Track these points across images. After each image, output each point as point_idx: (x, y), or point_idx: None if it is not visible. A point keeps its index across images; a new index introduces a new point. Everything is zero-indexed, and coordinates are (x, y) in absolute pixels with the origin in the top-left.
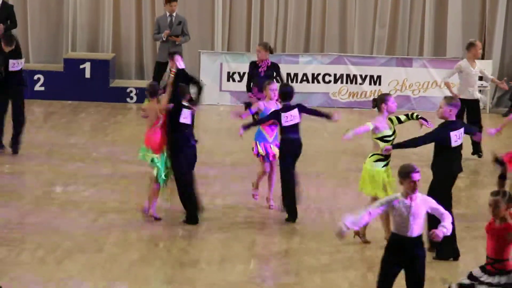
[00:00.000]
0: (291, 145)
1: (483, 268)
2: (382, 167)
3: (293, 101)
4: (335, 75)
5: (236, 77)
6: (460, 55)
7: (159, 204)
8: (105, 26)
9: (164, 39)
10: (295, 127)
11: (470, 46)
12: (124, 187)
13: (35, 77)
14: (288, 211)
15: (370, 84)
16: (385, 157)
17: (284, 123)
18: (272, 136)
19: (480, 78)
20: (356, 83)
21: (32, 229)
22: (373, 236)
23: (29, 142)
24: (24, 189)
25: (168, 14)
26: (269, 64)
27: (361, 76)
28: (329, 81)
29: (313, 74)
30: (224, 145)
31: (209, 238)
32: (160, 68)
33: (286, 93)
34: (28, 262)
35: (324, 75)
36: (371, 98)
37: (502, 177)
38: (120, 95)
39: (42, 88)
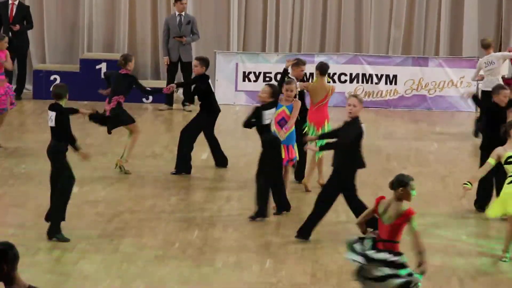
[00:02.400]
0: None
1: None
2: None
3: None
4: (350, 74)
5: (252, 77)
6: (476, 54)
7: (175, 202)
8: (121, 26)
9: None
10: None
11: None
12: (140, 187)
13: (52, 77)
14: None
15: (386, 83)
16: None
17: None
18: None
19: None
20: (372, 82)
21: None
22: None
23: (45, 142)
24: (40, 189)
25: (177, 13)
26: None
27: (377, 75)
28: (345, 81)
29: (328, 74)
30: (240, 146)
31: (224, 238)
32: (171, 67)
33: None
34: (44, 262)
35: (340, 74)
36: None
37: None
38: (136, 95)
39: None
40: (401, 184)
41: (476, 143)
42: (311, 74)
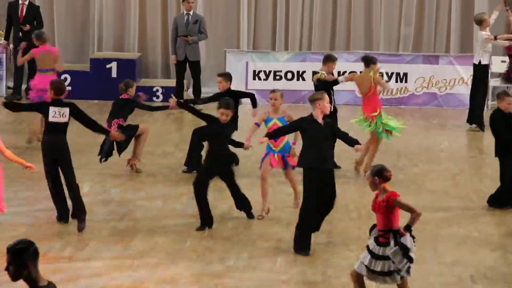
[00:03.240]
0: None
1: (376, 241)
2: None
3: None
4: (361, 72)
5: (262, 75)
6: None
7: (186, 201)
8: (131, 25)
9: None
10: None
11: None
12: (151, 186)
13: (62, 77)
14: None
15: (396, 81)
16: None
17: None
18: (278, 146)
19: None
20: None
21: (60, 227)
22: None
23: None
24: None
25: (185, 12)
26: None
27: (387, 73)
28: None
29: (339, 72)
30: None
31: (236, 236)
32: (179, 66)
33: None
34: (56, 260)
35: (350, 72)
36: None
37: None
38: (147, 94)
39: (69, 88)
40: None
41: (486, 140)
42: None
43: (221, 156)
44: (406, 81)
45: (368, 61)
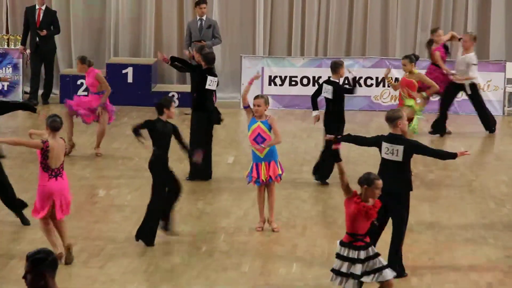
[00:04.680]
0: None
1: (351, 246)
2: None
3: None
4: (377, 78)
5: (278, 81)
6: (503, 57)
7: (202, 206)
8: (147, 31)
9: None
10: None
11: None
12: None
13: (78, 82)
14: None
15: None
16: None
17: None
18: (263, 153)
19: None
20: None
21: (75, 232)
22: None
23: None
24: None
25: (198, 17)
26: None
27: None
28: (371, 85)
29: (354, 78)
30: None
31: (250, 242)
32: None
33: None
34: (71, 266)
35: (366, 78)
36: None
37: None
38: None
39: (85, 93)
40: (365, 183)
41: (502, 146)
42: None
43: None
44: None
45: (414, 59)
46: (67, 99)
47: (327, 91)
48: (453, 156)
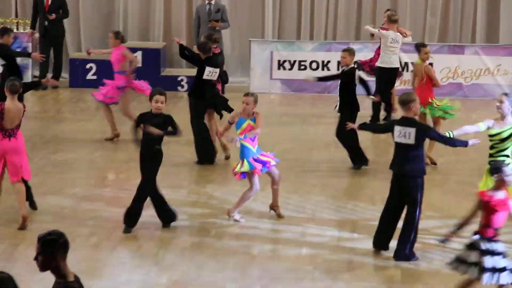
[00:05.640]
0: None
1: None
2: None
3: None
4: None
5: (287, 65)
6: None
7: (211, 190)
8: (156, 15)
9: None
10: None
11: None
12: (175, 175)
13: (87, 66)
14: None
15: None
16: None
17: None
18: (255, 147)
19: None
20: (407, 70)
21: (86, 216)
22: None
23: (81, 130)
24: (77, 177)
25: (206, 1)
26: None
27: (412, 63)
28: None
29: (364, 63)
30: (274, 134)
31: (260, 226)
32: None
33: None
34: (81, 249)
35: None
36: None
37: None
38: (171, 83)
39: (94, 77)
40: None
41: None
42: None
43: None
44: None
45: (418, 46)
46: (93, 93)
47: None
48: (464, 144)
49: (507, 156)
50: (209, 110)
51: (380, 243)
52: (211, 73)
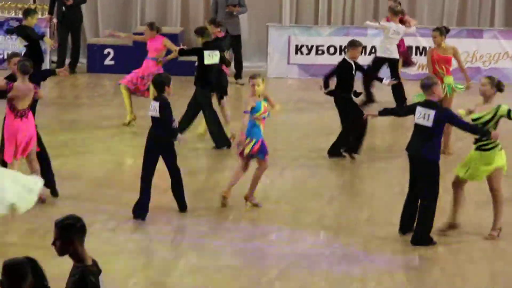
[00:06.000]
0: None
1: None
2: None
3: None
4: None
5: (304, 50)
6: None
7: (229, 175)
8: (173, 0)
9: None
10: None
11: None
12: (194, 159)
13: (105, 51)
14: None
15: None
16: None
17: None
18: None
19: None
20: (425, 54)
21: (104, 200)
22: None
23: (99, 116)
24: (96, 162)
25: None
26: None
27: (430, 47)
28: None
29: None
30: (292, 118)
31: (278, 211)
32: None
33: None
34: (99, 233)
35: None
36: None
37: None
38: (189, 68)
39: (112, 62)
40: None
41: None
42: (364, 47)
43: None
44: None
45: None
46: (120, 81)
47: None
48: (486, 134)
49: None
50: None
51: (405, 227)
52: (210, 56)
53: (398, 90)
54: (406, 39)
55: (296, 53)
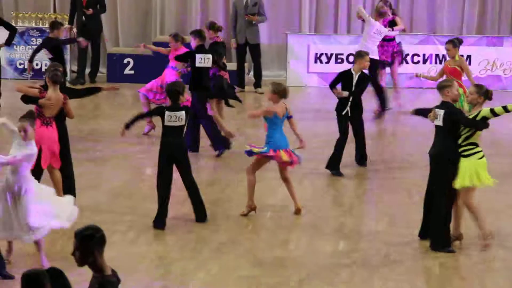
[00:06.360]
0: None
1: None
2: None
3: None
4: (423, 55)
5: (324, 58)
6: None
7: None
8: (193, 9)
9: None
10: (178, 129)
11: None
12: (212, 167)
13: (125, 60)
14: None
15: None
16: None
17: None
18: None
19: None
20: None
21: (123, 211)
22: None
23: (119, 125)
24: (114, 172)
25: None
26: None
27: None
28: (418, 61)
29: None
30: (312, 127)
31: (297, 220)
32: (240, 50)
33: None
34: (119, 244)
35: (413, 55)
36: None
37: None
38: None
39: (132, 72)
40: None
41: None
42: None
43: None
44: (470, 64)
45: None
46: (139, 90)
47: None
48: (486, 126)
49: (475, 144)
50: (217, 101)
51: (425, 232)
52: (202, 59)
53: (381, 95)
54: (422, 48)
55: (316, 61)
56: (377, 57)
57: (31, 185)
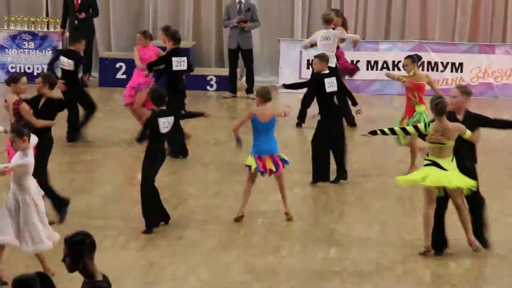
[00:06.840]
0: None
1: None
2: None
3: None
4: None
5: None
6: None
7: (240, 189)
8: (185, 14)
9: (235, 24)
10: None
11: None
12: (204, 174)
13: (117, 65)
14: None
15: (451, 71)
16: None
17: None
18: None
19: None
20: (437, 70)
21: (114, 216)
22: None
23: (111, 129)
24: (106, 176)
25: (237, 0)
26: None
27: (442, 63)
28: None
29: (393, 62)
30: (302, 134)
31: (289, 226)
32: (232, 55)
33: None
34: (110, 249)
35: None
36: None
37: None
38: (200, 83)
39: (124, 76)
40: None
41: None
42: (376, 62)
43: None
44: (461, 71)
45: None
46: (124, 104)
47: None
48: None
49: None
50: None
51: (438, 242)
52: (179, 63)
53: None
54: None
55: (308, 67)
56: (333, 65)
57: (28, 197)
